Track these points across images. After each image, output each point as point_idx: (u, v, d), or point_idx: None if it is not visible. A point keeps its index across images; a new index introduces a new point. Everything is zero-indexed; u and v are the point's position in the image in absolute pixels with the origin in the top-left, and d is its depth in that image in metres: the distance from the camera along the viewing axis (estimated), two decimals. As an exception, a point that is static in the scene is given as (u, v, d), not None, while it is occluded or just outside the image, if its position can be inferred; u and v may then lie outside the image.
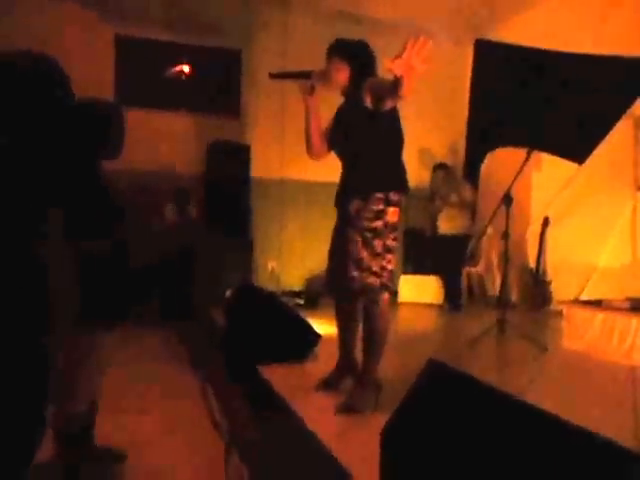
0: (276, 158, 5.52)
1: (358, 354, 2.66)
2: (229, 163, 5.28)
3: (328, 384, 2.71)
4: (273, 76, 2.59)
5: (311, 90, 2.48)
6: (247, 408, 2.77)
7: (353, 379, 2.65)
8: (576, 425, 1.02)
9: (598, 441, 0.95)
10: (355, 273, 2.35)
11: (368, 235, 2.35)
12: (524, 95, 5.37)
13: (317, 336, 3.35)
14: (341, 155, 2.57)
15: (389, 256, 2.38)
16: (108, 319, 1.97)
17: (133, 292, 2.10)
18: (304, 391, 2.71)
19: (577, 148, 5.06)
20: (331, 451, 2.00)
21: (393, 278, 2.44)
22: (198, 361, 3.71)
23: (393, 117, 2.41)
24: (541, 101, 5.28)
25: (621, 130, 4.69)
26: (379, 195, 2.36)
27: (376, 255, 2.35)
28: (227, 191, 5.27)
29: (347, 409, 2.38)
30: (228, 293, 4.41)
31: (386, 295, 2.42)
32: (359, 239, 2.35)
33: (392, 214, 2.37)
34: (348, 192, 2.46)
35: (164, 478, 2.12)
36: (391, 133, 2.44)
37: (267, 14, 5.69)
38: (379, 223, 2.35)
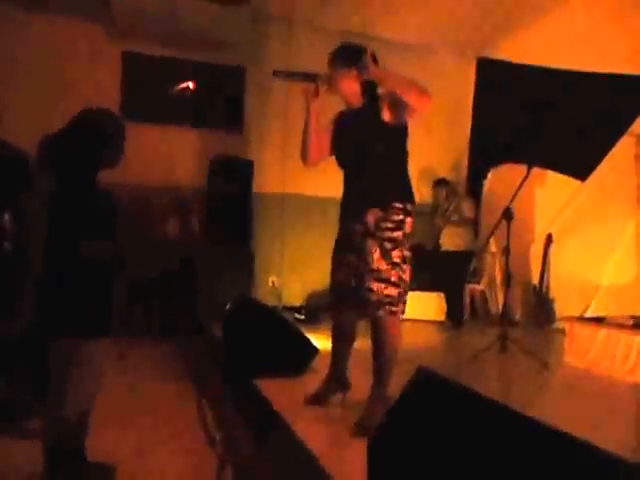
0: (278, 174, 5.53)
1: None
2: (231, 178, 5.30)
3: (317, 398, 2.68)
4: (277, 74, 2.47)
5: (315, 93, 2.43)
6: (243, 423, 2.74)
7: (343, 394, 2.68)
8: (561, 431, 1.00)
9: (578, 445, 0.93)
10: (374, 285, 2.30)
11: (388, 245, 2.31)
12: (526, 112, 5.38)
13: (315, 350, 3.32)
14: (353, 165, 2.49)
15: (405, 266, 2.35)
16: (91, 329, 1.95)
17: (118, 305, 2.09)
18: (301, 405, 2.67)
19: (580, 165, 5.05)
20: (325, 466, 1.97)
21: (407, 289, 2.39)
22: (196, 375, 3.68)
23: (406, 131, 2.45)
24: (543, 118, 5.29)
25: (623, 147, 4.69)
26: (398, 205, 2.35)
27: (394, 265, 2.31)
28: (229, 206, 5.28)
29: (363, 431, 2.16)
30: (227, 306, 4.39)
31: (401, 307, 2.36)
32: (377, 249, 2.31)
33: (409, 224, 2.38)
34: (365, 202, 2.39)
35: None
36: (404, 146, 2.46)
37: (272, 32, 5.76)
38: (399, 233, 2.33)
